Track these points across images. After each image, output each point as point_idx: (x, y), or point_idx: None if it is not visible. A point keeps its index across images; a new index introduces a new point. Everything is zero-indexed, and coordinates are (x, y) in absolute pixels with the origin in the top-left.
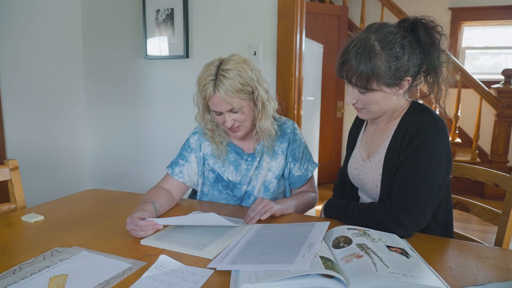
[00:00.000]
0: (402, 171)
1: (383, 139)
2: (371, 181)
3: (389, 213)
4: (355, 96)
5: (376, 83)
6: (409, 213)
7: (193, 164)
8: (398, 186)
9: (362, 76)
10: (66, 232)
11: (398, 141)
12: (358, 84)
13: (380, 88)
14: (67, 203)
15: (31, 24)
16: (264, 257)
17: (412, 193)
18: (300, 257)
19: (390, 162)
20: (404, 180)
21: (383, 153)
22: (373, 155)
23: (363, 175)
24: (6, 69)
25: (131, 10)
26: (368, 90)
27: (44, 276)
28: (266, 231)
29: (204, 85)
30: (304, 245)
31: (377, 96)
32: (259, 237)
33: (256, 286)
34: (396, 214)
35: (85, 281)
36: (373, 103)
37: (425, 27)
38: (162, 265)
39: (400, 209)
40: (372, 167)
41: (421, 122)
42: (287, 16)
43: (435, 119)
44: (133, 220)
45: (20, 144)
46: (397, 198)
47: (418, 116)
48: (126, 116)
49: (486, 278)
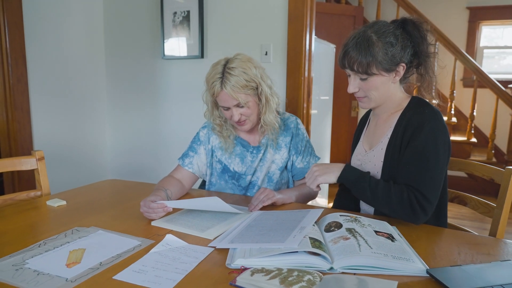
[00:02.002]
0: (413, 160)
1: (385, 130)
2: (373, 168)
3: (418, 200)
4: (357, 85)
5: (376, 67)
6: (430, 201)
7: (202, 156)
8: (413, 174)
9: (363, 62)
10: (85, 215)
11: (400, 131)
12: (360, 70)
13: (379, 73)
14: (88, 190)
15: (58, 28)
16: (259, 238)
17: (429, 180)
18: (291, 238)
19: (392, 150)
20: (417, 169)
21: (385, 142)
22: (375, 145)
23: (365, 164)
24: (34, 69)
25: (150, 13)
26: (369, 75)
27: (65, 250)
28: (265, 216)
29: (212, 82)
30: (296, 228)
31: (377, 82)
32: (257, 221)
33: (249, 261)
34: (423, 203)
35: (100, 254)
36: (374, 89)
37: (413, 23)
38: (168, 243)
39: (426, 199)
40: (375, 155)
41: (423, 114)
42: (297, 18)
43: (435, 112)
44: (146, 202)
45: (46, 138)
46: (419, 186)
47: (419, 109)
48: (144, 113)
49: (464, 261)
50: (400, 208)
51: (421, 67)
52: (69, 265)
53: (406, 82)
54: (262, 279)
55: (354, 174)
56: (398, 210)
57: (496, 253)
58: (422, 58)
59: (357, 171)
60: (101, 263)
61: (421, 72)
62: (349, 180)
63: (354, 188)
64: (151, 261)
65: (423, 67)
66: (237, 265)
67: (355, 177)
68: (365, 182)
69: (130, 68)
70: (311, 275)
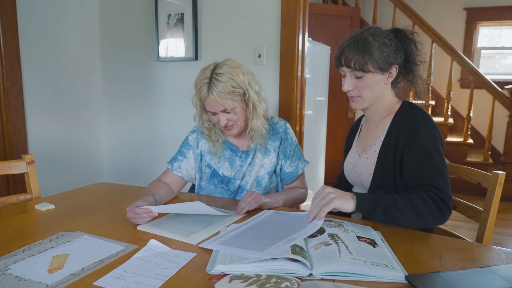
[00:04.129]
0: (420, 161)
1: (378, 133)
2: (366, 170)
3: (439, 196)
4: (352, 83)
5: (372, 65)
6: (448, 195)
7: (191, 160)
8: (424, 174)
9: (360, 59)
10: (72, 219)
11: (393, 135)
12: (357, 66)
13: (375, 71)
14: (77, 194)
15: (53, 30)
16: (247, 243)
17: (440, 176)
18: (272, 248)
19: (385, 152)
20: (426, 167)
21: (378, 145)
22: (368, 148)
23: (358, 166)
24: (29, 71)
25: (145, 15)
26: (365, 72)
27: (48, 255)
28: (272, 219)
29: (199, 87)
30: (286, 238)
31: (371, 80)
32: (262, 224)
33: (229, 267)
34: (443, 197)
35: (83, 260)
36: (368, 87)
37: (403, 32)
38: (151, 248)
39: (444, 193)
40: (368, 157)
41: (415, 117)
42: (289, 20)
43: (425, 114)
44: (131, 208)
45: (42, 141)
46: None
47: (411, 112)
48: (140, 115)
49: (445, 267)
50: (427, 210)
51: (410, 75)
52: (51, 270)
53: (396, 87)
54: (239, 285)
55: (368, 198)
56: (426, 214)
57: (479, 259)
58: (412, 65)
59: (367, 194)
60: (83, 269)
61: (410, 79)
62: (366, 206)
63: (376, 212)
64: (132, 267)
65: (412, 75)
66: (217, 271)
67: (371, 200)
68: (382, 201)
69: (125, 70)
70: (289, 281)
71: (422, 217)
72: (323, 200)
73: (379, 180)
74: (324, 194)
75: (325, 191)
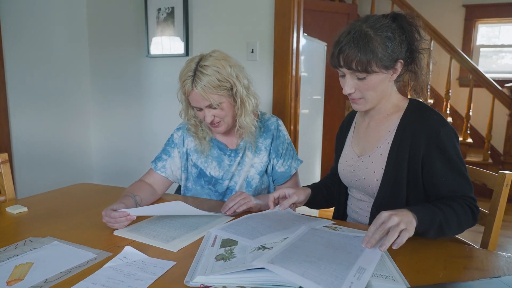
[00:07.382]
0: (446, 171)
1: (382, 133)
2: (372, 175)
3: (472, 203)
4: (353, 85)
5: (376, 65)
6: (476, 200)
7: (176, 159)
8: (454, 183)
9: (362, 60)
10: (45, 223)
11: (406, 139)
12: (359, 68)
13: (379, 70)
14: (54, 196)
15: (39, 24)
16: (307, 266)
17: (467, 183)
18: (347, 283)
19: (396, 157)
20: (454, 176)
21: (385, 148)
22: (371, 150)
23: (360, 170)
24: (13, 68)
25: (134, 9)
26: (368, 73)
27: (10, 264)
28: (313, 237)
29: (183, 81)
30: (353, 268)
31: (375, 80)
32: (304, 242)
33: (209, 278)
34: (475, 203)
35: (48, 269)
36: (372, 88)
37: (405, 17)
38: (126, 256)
39: (474, 199)
40: (373, 161)
41: (434, 123)
42: (284, 14)
43: (441, 116)
44: (107, 211)
45: (27, 139)
46: (464, 191)
47: (424, 115)
48: (130, 113)
49: (450, 278)
50: (465, 219)
51: (413, 65)
52: (10, 282)
53: (399, 81)
54: None
55: (426, 215)
56: (464, 224)
57: (487, 268)
58: (415, 55)
59: (423, 210)
60: (46, 280)
61: (414, 70)
62: (425, 224)
63: (431, 231)
64: (102, 278)
65: (415, 65)
66: (196, 282)
67: (428, 217)
68: (438, 217)
69: (114, 67)
70: None
71: (461, 227)
72: (394, 232)
73: (392, 188)
74: (396, 226)
75: (392, 220)
